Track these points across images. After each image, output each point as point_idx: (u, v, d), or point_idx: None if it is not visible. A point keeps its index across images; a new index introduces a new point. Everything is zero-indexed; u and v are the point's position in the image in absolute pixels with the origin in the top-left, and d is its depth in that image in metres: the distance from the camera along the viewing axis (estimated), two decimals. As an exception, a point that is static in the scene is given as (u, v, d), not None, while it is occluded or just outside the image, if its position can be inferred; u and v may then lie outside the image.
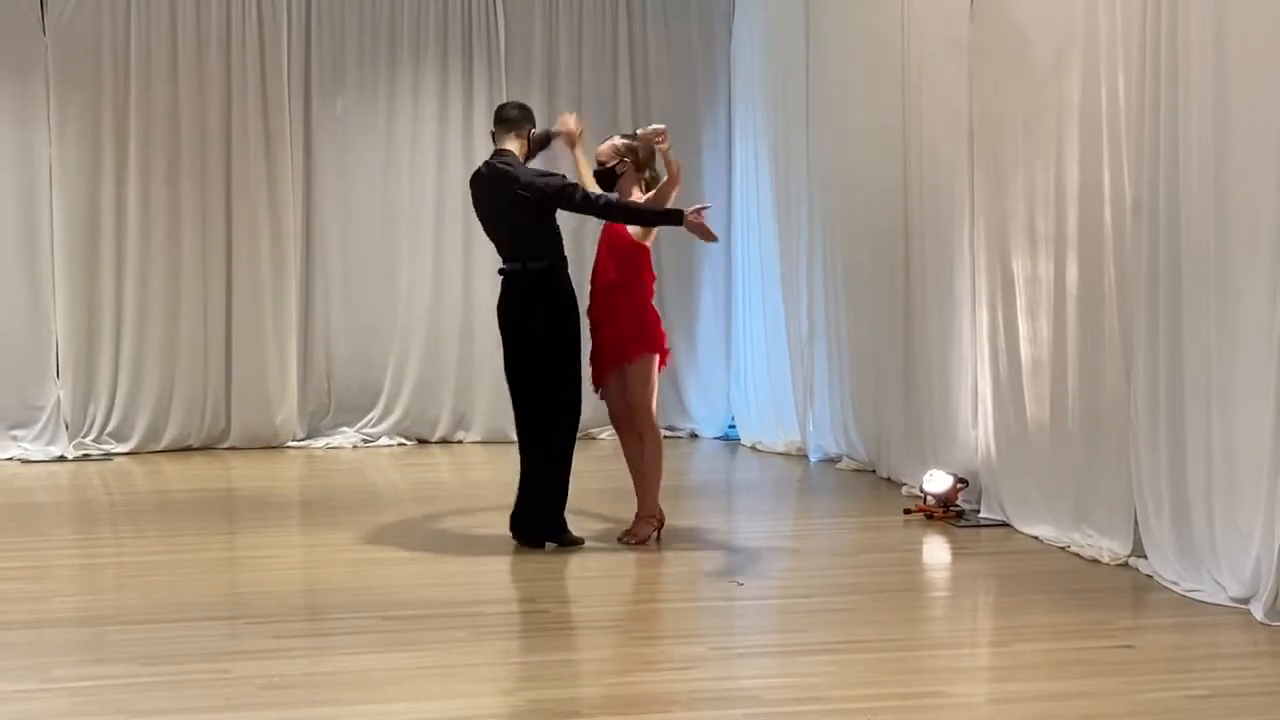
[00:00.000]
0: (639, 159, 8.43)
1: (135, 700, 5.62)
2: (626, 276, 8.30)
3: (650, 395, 8.36)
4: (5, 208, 11.66)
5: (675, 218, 8.04)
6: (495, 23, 12.35)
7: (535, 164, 8.43)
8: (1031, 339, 8.40)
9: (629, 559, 8.09)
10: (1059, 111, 8.06)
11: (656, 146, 8.27)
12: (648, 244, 8.38)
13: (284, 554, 8.52)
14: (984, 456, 8.90)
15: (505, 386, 8.61)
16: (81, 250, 11.76)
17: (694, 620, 6.89)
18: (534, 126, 8.43)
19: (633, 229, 8.28)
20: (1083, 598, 7.02)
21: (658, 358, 8.37)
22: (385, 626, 6.68)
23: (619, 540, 8.34)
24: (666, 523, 8.46)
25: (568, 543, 8.28)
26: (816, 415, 11.13)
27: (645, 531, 8.36)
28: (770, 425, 11.80)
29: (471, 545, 8.50)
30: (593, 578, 7.69)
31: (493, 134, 8.46)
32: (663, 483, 8.52)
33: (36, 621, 6.80)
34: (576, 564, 8.04)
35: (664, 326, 8.57)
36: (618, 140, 8.55)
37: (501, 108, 8.57)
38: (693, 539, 8.83)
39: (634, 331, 8.27)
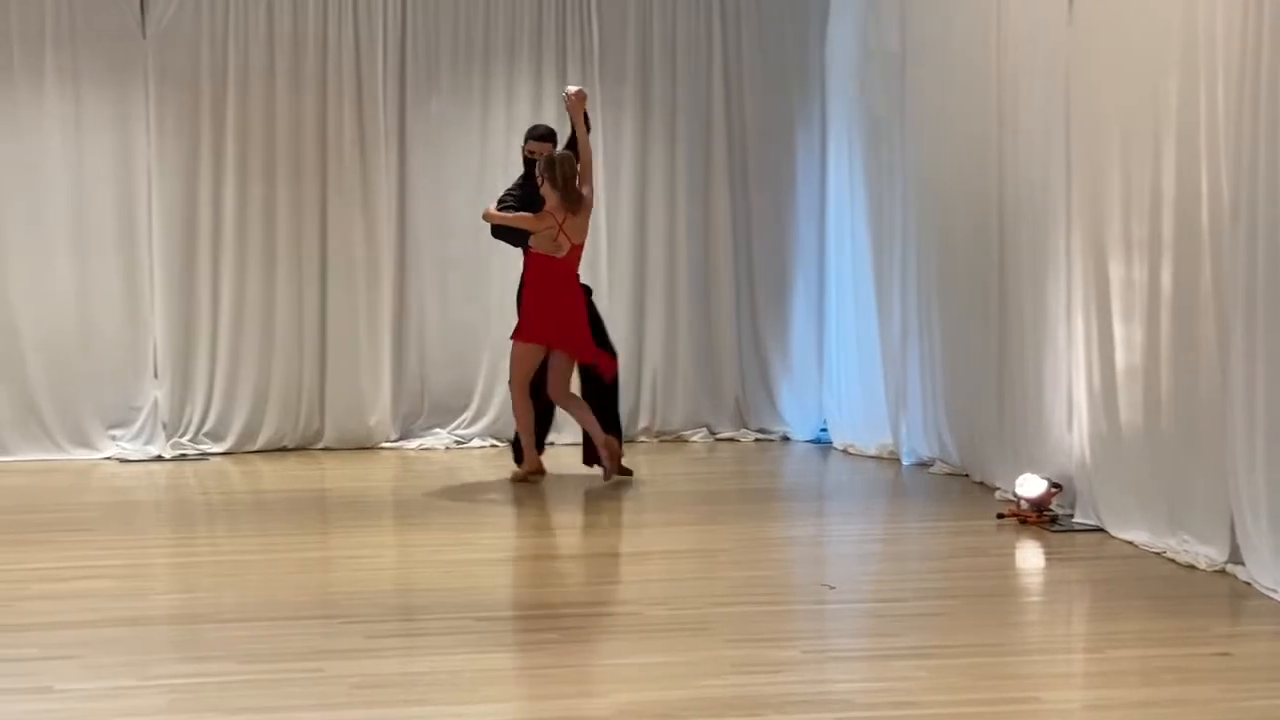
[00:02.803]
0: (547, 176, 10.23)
1: (231, 698, 5.68)
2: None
3: (514, 369, 10.50)
4: (105, 209, 11.79)
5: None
6: (589, 27, 12.37)
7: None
8: (1127, 343, 8.33)
9: (720, 562, 8.09)
10: (1156, 114, 7.99)
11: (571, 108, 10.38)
12: (531, 246, 10.35)
13: (377, 554, 8.58)
14: (1078, 461, 8.83)
15: (597, 388, 10.72)
16: (179, 252, 11.88)
17: (785, 623, 6.88)
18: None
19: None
20: (1178, 604, 6.95)
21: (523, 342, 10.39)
22: (477, 627, 6.71)
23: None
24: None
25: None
26: (909, 418, 11.08)
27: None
28: (862, 428, 11.75)
29: (564, 547, 8.53)
30: (684, 580, 7.69)
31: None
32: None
33: (135, 619, 6.88)
34: (668, 566, 8.06)
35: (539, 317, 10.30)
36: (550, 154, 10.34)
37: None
38: (784, 542, 8.83)
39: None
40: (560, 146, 10.53)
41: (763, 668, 6.05)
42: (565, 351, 10.37)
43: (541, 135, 10.66)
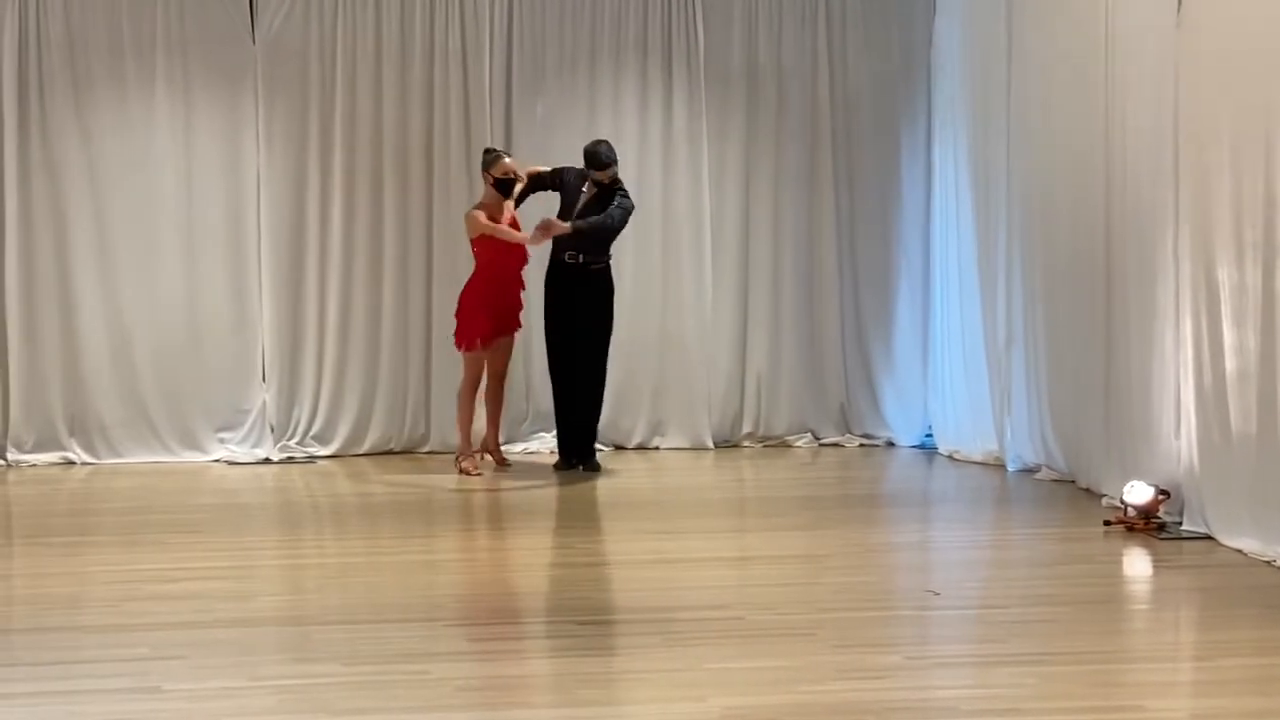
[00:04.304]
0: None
1: (337, 699, 5.73)
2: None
3: None
4: (214, 215, 11.90)
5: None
6: (694, 30, 12.36)
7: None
8: (1237, 349, 8.23)
9: (825, 567, 8.07)
10: (1268, 116, 7.89)
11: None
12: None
13: (481, 557, 8.62)
14: (1187, 468, 8.74)
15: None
16: (287, 256, 11.98)
17: (889, 629, 6.85)
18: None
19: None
20: (1290, 613, 6.87)
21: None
22: (580, 631, 6.73)
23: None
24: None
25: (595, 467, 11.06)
26: (1014, 424, 11.00)
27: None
28: (968, 434, 11.67)
29: (665, 551, 8.54)
30: (787, 585, 7.68)
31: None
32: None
33: (243, 620, 6.95)
34: (771, 571, 8.05)
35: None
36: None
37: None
38: (889, 548, 8.80)
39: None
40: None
41: (867, 673, 6.03)
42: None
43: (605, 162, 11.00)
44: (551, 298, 11.10)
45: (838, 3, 12.45)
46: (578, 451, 11.13)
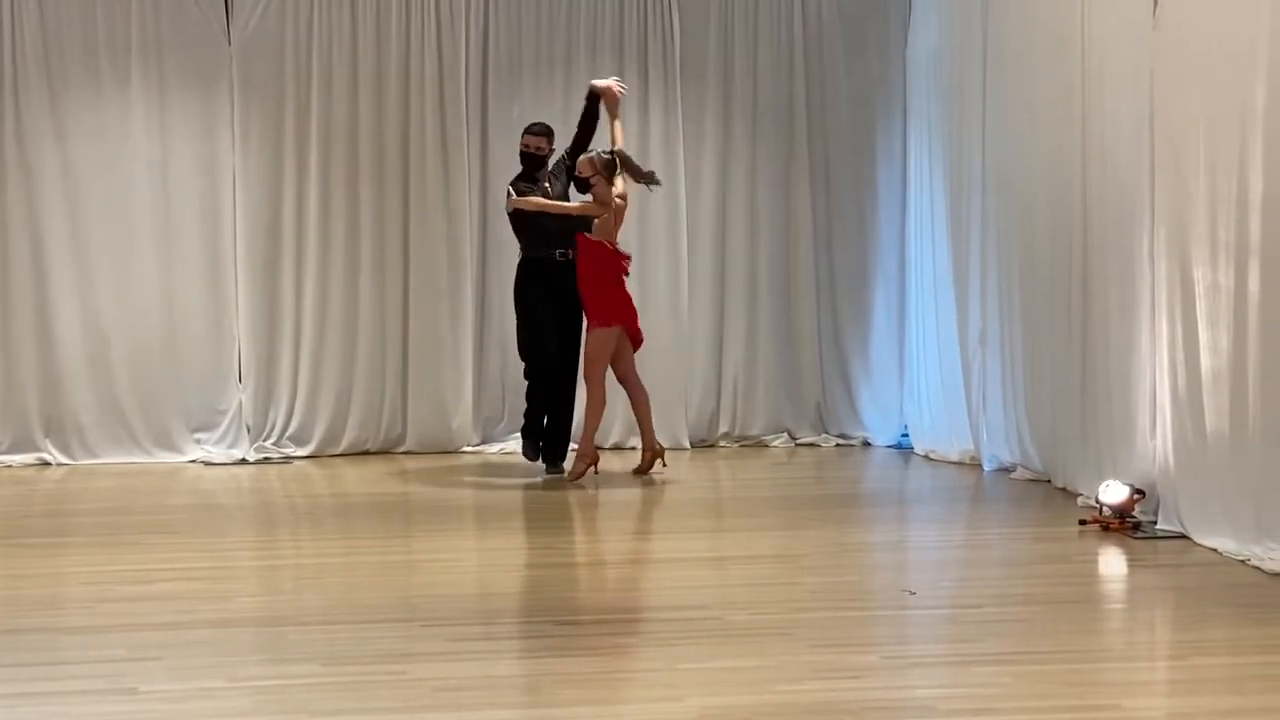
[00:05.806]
0: (609, 174, 10.52)
1: (315, 700, 5.72)
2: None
3: (589, 358, 10.60)
4: (190, 215, 11.89)
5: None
6: (670, 30, 12.38)
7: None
8: (1212, 349, 8.26)
9: (801, 567, 8.08)
10: (1243, 117, 7.92)
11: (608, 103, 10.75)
12: (593, 235, 10.56)
13: (459, 558, 8.62)
14: (1162, 467, 8.77)
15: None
16: (263, 257, 11.97)
17: (865, 629, 6.87)
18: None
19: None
20: (1264, 612, 6.88)
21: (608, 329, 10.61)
22: (558, 631, 6.74)
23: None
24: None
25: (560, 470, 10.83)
26: (990, 424, 11.03)
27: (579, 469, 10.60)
28: (943, 434, 11.70)
29: (645, 551, 8.55)
30: (766, 584, 7.70)
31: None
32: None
33: (220, 621, 6.94)
34: (748, 571, 8.06)
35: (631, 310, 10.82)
36: (594, 154, 10.60)
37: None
38: (865, 547, 8.81)
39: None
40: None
41: (844, 673, 6.05)
42: (631, 333, 10.73)
43: (541, 130, 10.91)
44: (537, 294, 10.84)
45: (814, 4, 12.49)
46: (550, 453, 11.00)
